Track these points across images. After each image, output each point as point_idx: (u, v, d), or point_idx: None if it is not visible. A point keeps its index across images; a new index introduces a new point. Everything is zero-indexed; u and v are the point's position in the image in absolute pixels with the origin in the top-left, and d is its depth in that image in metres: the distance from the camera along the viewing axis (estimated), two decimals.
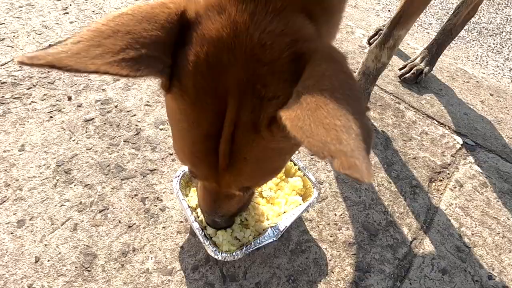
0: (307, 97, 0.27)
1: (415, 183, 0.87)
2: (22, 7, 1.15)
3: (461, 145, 0.98)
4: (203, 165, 0.41)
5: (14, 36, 1.04)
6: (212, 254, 0.60)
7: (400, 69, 1.17)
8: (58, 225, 0.67)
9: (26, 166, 0.75)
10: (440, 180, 0.88)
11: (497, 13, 1.99)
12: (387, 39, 0.85)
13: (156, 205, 0.73)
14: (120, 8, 0.96)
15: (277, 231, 0.64)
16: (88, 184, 0.74)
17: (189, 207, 0.64)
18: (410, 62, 1.16)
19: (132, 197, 0.74)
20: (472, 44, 1.69)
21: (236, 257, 0.60)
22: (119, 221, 0.70)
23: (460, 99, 1.14)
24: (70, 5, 1.20)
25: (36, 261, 0.62)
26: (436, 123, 1.04)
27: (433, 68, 1.18)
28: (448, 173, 0.90)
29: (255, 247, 0.62)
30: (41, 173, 0.75)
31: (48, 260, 0.62)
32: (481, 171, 0.92)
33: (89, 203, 0.71)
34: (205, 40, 0.32)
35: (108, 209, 0.71)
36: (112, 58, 0.27)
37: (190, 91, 0.34)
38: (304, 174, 0.73)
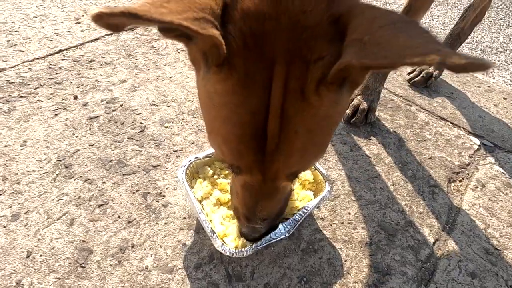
0: (371, 37, 0.27)
1: (433, 183, 0.81)
2: (36, 17, 1.19)
3: (479, 146, 0.93)
4: (249, 151, 0.38)
5: (26, 42, 1.06)
6: (219, 249, 0.55)
7: (409, 73, 1.16)
8: (54, 219, 0.63)
9: (26, 161, 0.72)
10: (460, 180, 0.83)
11: (499, 33, 2.01)
12: None
13: (158, 201, 0.69)
14: None
15: (289, 227, 0.59)
16: (89, 179, 0.71)
17: (195, 198, 0.60)
18: (419, 68, 1.15)
19: (134, 192, 0.70)
20: None
21: (245, 254, 0.55)
22: (119, 216, 0.65)
23: (473, 103, 1.11)
24: (83, 15, 1.24)
25: (28, 256, 0.57)
26: (450, 124, 1.00)
27: (442, 73, 1.16)
28: (468, 173, 0.85)
29: (265, 244, 0.56)
30: (40, 167, 0.72)
31: (41, 255, 0.58)
32: (503, 172, 0.86)
33: (88, 197, 0.68)
34: (248, 15, 0.33)
35: (107, 203, 0.67)
36: (178, 15, 0.26)
37: (239, 67, 0.33)
38: (315, 168, 0.68)
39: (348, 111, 0.94)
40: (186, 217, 0.67)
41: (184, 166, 0.64)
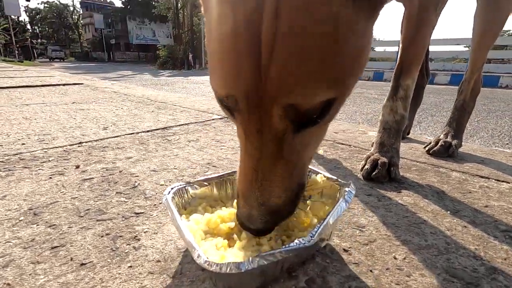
0: None
1: (504, 228, 0.59)
2: (71, 127, 1.36)
3: None
4: (245, 70, 0.32)
5: (53, 139, 1.16)
6: (199, 261, 0.36)
7: (425, 146, 1.09)
8: None
9: None
10: None
11: None
12: (397, 90, 0.86)
13: (129, 244, 0.52)
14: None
15: (311, 234, 0.40)
16: (54, 225, 0.58)
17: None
18: (435, 139, 1.10)
19: (102, 236, 0.54)
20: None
21: (246, 266, 0.35)
22: (71, 259, 0.48)
23: (511, 166, 0.97)
24: (111, 126, 1.40)
25: None
26: (494, 181, 0.84)
27: (462, 145, 1.09)
28: None
29: (281, 251, 0.37)
30: (6, 214, 0.61)
31: None
32: None
33: (42, 241, 0.53)
34: None
35: (63, 246, 0.51)
36: None
37: None
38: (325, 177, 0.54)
39: (366, 166, 0.83)
40: (161, 261, 0.48)
41: (173, 188, 0.53)
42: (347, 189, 0.50)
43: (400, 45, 0.86)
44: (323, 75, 0.32)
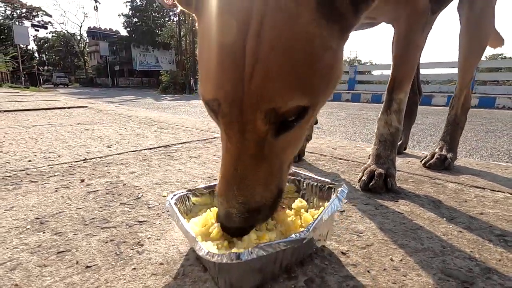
0: None
1: (498, 233, 0.61)
2: (76, 146, 1.39)
3: None
4: (229, 77, 0.36)
5: (59, 156, 1.19)
6: (201, 254, 0.38)
7: (422, 160, 1.12)
8: None
9: (3, 221, 0.64)
10: None
11: None
12: (390, 104, 0.90)
13: (133, 249, 0.54)
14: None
15: (306, 229, 0.42)
16: (60, 232, 0.60)
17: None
18: (431, 152, 1.13)
19: (106, 242, 0.56)
20: None
21: (234, 258, 0.37)
22: (76, 262, 0.50)
23: (507, 178, 0.99)
24: (115, 144, 1.44)
25: None
26: (490, 191, 0.85)
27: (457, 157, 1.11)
28: None
29: (276, 244, 0.39)
30: (13, 223, 0.63)
31: None
32: None
33: (49, 246, 0.54)
34: None
35: (69, 251, 0.53)
36: None
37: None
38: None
39: (364, 177, 0.85)
40: (164, 263, 0.49)
41: (175, 195, 0.55)
42: (340, 189, 0.52)
43: (392, 63, 0.91)
44: (299, 84, 0.37)
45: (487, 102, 7.80)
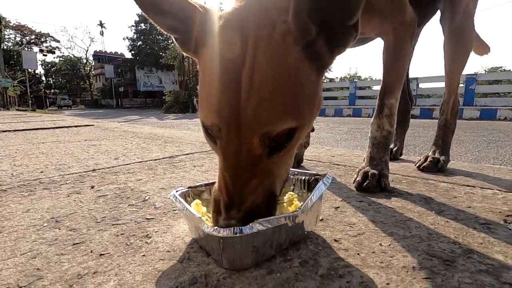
0: None
1: (483, 222, 0.64)
2: (85, 159, 1.46)
3: None
4: (226, 104, 0.43)
5: (69, 167, 1.26)
6: (208, 230, 0.43)
7: (416, 163, 1.16)
8: (17, 254, 0.54)
9: (21, 221, 0.70)
10: None
11: None
12: (382, 109, 0.96)
13: (142, 240, 0.58)
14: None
15: (297, 210, 0.47)
16: (74, 228, 0.64)
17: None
18: (424, 156, 1.17)
19: (117, 235, 0.61)
20: None
21: (248, 229, 0.43)
22: (91, 251, 0.54)
23: (498, 178, 1.03)
24: (121, 156, 1.50)
25: None
26: (480, 188, 0.89)
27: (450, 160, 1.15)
28: None
29: (267, 219, 0.44)
30: (31, 222, 0.68)
31: None
32: None
33: (65, 239, 0.59)
34: None
35: (83, 243, 0.58)
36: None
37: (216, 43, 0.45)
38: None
39: (358, 178, 0.90)
40: (171, 251, 0.54)
41: (177, 190, 0.60)
42: (325, 177, 0.57)
43: (382, 71, 0.98)
44: (287, 110, 0.45)
45: (488, 114, 7.85)
